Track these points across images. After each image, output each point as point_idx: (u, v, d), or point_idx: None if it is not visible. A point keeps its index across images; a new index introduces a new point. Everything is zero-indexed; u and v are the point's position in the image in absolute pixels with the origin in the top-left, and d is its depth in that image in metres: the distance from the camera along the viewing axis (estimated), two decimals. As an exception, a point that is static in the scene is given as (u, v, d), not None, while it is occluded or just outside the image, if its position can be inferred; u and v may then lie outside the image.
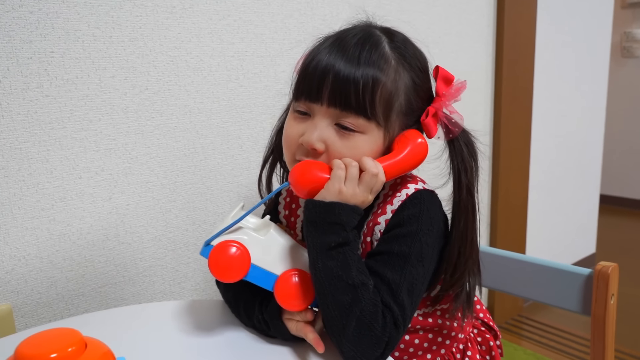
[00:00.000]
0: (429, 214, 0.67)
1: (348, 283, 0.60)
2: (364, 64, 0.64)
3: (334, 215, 0.61)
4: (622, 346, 1.77)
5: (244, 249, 0.64)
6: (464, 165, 0.69)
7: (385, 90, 0.65)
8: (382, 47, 0.67)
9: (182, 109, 1.05)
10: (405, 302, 0.63)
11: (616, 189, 3.52)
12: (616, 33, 3.23)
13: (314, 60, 0.67)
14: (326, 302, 0.62)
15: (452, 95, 0.69)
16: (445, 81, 0.69)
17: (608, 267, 0.79)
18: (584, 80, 2.20)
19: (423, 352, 0.74)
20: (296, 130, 0.68)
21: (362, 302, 0.60)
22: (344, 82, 0.64)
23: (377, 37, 0.68)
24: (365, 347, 0.60)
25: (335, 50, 0.66)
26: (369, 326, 0.60)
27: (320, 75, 0.65)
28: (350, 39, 0.67)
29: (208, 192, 1.12)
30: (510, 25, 1.71)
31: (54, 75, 0.89)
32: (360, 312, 0.60)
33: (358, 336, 0.60)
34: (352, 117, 0.65)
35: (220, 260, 0.63)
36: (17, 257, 0.90)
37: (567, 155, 2.19)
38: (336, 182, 0.62)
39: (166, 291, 1.10)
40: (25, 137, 0.88)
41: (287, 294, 0.64)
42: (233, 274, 0.64)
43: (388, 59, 0.66)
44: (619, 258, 2.52)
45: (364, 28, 0.70)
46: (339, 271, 0.61)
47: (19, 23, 0.85)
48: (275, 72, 1.17)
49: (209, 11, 1.05)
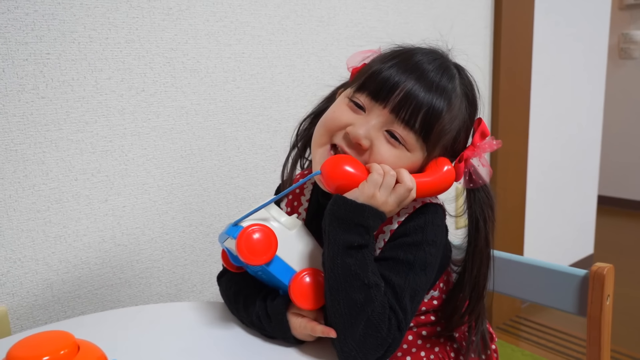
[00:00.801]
0: (434, 226, 0.69)
1: (364, 282, 0.61)
2: (439, 92, 0.66)
3: (363, 218, 0.62)
4: (620, 347, 1.77)
5: (273, 235, 0.65)
6: (483, 216, 0.72)
7: (445, 121, 0.67)
8: (455, 81, 0.69)
9: (179, 111, 1.05)
10: (407, 307, 0.64)
11: (614, 190, 3.52)
12: (614, 34, 3.24)
13: (392, 67, 0.67)
14: (338, 299, 0.62)
15: (483, 149, 0.70)
16: (482, 134, 0.71)
17: (604, 268, 0.79)
18: (581, 82, 2.20)
19: (417, 349, 0.74)
20: (346, 117, 0.68)
21: (375, 302, 0.61)
22: (415, 98, 0.65)
23: (452, 70, 0.70)
24: (369, 348, 0.61)
25: (416, 67, 0.67)
26: (376, 327, 0.61)
27: (394, 83, 0.65)
28: (430, 62, 0.68)
29: (205, 194, 1.12)
30: (508, 27, 1.71)
31: (50, 77, 0.89)
32: (371, 313, 0.61)
33: (364, 336, 0.61)
34: (407, 131, 0.66)
35: (250, 240, 0.64)
36: (12, 259, 0.90)
37: (565, 157, 2.19)
38: (372, 186, 0.63)
39: (163, 293, 1.10)
40: (21, 138, 0.88)
41: (302, 292, 0.66)
42: (259, 256, 0.64)
43: (457, 95, 0.69)
44: (617, 259, 2.52)
45: (441, 57, 0.71)
46: (356, 269, 0.62)
47: (15, 25, 0.85)
48: (272, 74, 1.17)
49: (205, 13, 1.05)
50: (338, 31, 1.27)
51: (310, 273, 0.67)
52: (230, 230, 0.67)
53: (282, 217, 0.69)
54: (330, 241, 0.64)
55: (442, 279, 0.76)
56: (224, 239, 0.69)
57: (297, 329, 0.66)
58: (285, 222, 0.68)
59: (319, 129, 0.70)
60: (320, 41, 1.24)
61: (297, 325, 0.66)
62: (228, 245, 0.68)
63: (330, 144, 0.69)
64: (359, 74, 0.71)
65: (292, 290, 0.66)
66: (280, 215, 0.69)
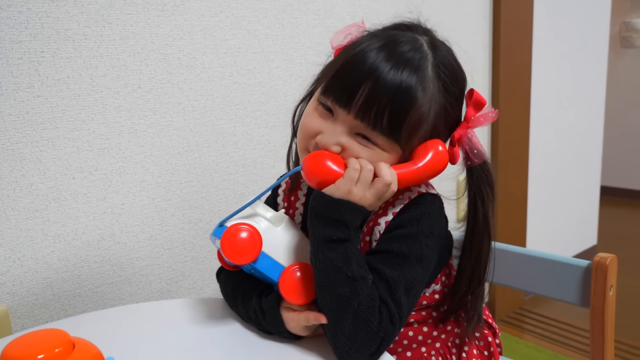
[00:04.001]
0: (430, 217, 0.67)
1: (347, 275, 0.61)
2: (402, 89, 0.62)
3: (339, 213, 0.62)
4: (624, 337, 1.77)
5: (257, 233, 0.65)
6: (481, 195, 0.70)
7: (415, 116, 0.63)
8: (424, 69, 0.64)
9: (176, 107, 1.04)
10: (402, 301, 0.63)
11: (617, 180, 3.51)
12: (615, 23, 3.21)
13: (353, 69, 0.64)
14: (324, 294, 0.62)
15: (479, 122, 0.67)
16: (476, 106, 0.68)
17: (606, 259, 0.78)
18: (582, 71, 2.19)
19: (417, 345, 0.74)
20: (315, 125, 0.66)
21: (360, 295, 0.60)
22: (376, 102, 0.62)
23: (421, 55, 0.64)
24: (360, 342, 0.60)
25: (375, 67, 0.62)
26: (365, 320, 0.60)
27: (354, 88, 0.63)
28: (391, 56, 0.63)
29: (203, 190, 1.11)
30: (507, 17, 1.69)
31: (45, 75, 0.89)
32: (358, 306, 0.60)
33: (354, 330, 0.60)
34: (375, 133, 0.64)
35: (233, 241, 0.64)
36: (12, 258, 0.90)
37: (567, 147, 2.18)
38: (348, 182, 0.62)
39: (163, 290, 1.09)
40: (17, 138, 0.87)
41: (291, 287, 0.65)
42: (244, 256, 0.64)
43: (428, 81, 0.64)
44: (620, 249, 2.51)
45: (408, 42, 0.65)
46: (339, 263, 0.61)
47: (8, 23, 0.84)
48: (269, 68, 1.16)
49: (200, 8, 1.05)
50: (335, 24, 1.26)
51: (299, 268, 0.67)
52: (217, 232, 0.67)
53: (269, 213, 0.68)
54: (312, 236, 0.64)
55: (444, 272, 0.75)
56: (213, 240, 0.69)
57: (290, 324, 0.66)
58: (272, 218, 0.68)
59: (298, 134, 0.70)
60: (317, 34, 1.23)
61: (290, 319, 0.66)
62: (218, 246, 0.68)
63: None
64: (327, 70, 0.70)
65: (281, 286, 0.66)
66: (267, 211, 0.69)
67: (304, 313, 0.65)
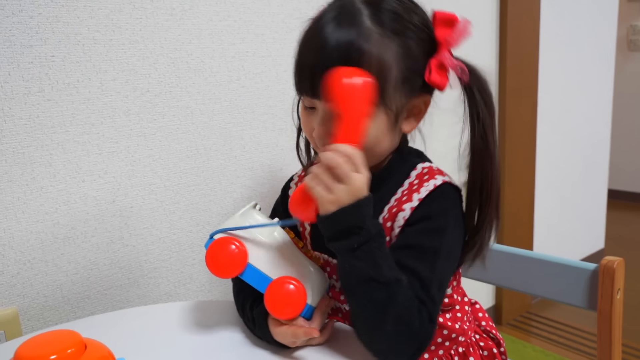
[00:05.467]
0: (455, 211, 0.67)
1: (381, 282, 0.58)
2: (344, 49, 0.60)
3: (345, 223, 0.59)
4: (631, 341, 1.76)
5: (241, 249, 0.64)
6: (476, 113, 0.67)
7: (370, 71, 0.61)
8: (360, 22, 0.62)
9: (184, 111, 1.05)
10: (436, 298, 0.61)
11: (624, 183, 3.49)
12: (622, 26, 3.20)
13: (299, 55, 0.66)
14: (358, 302, 0.60)
15: (456, 38, 0.64)
16: (447, 24, 0.65)
17: (614, 262, 0.78)
18: (589, 74, 2.18)
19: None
20: (308, 124, 0.69)
21: (399, 298, 0.58)
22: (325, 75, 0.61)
23: (354, 12, 0.62)
24: (403, 344, 0.59)
25: (314, 40, 0.63)
26: (406, 322, 0.58)
27: (305, 71, 0.64)
28: (326, 24, 0.62)
29: (211, 194, 1.12)
30: (514, 20, 1.69)
31: (55, 79, 0.90)
32: (398, 309, 0.58)
33: (396, 333, 0.58)
34: None
35: (216, 255, 0.64)
36: (22, 261, 0.91)
37: (574, 150, 2.17)
38: (323, 198, 0.58)
39: (171, 292, 1.10)
40: (27, 141, 0.88)
41: (277, 301, 0.63)
42: (226, 270, 0.64)
43: (368, 37, 0.61)
44: (628, 253, 2.50)
45: (339, 5, 0.64)
46: (369, 271, 0.59)
47: (19, 28, 0.85)
48: (277, 72, 1.17)
49: (209, 12, 1.05)
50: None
51: (286, 281, 0.64)
52: (207, 243, 0.66)
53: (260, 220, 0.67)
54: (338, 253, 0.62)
55: (455, 277, 0.75)
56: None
57: (278, 336, 0.65)
58: (261, 230, 0.66)
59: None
60: (325, 38, 1.24)
61: (277, 333, 0.65)
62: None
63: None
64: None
65: (266, 300, 0.64)
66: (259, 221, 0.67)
67: (292, 328, 0.63)
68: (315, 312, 0.66)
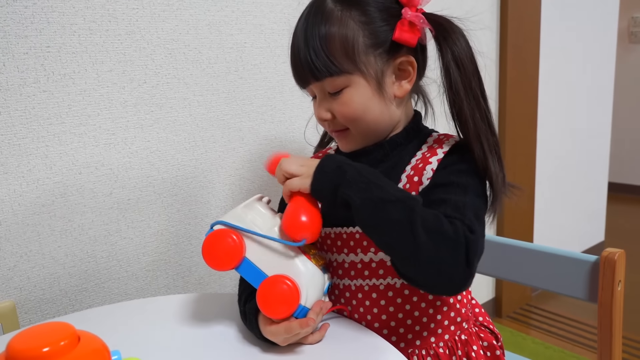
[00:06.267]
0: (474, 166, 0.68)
1: (391, 200, 0.59)
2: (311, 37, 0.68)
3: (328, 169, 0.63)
4: (632, 334, 1.76)
5: (239, 242, 0.64)
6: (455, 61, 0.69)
7: (335, 44, 0.67)
8: (323, 10, 0.68)
9: (182, 102, 1.04)
10: (472, 218, 0.60)
11: (625, 176, 3.48)
12: (623, 18, 3.19)
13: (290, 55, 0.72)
14: (383, 231, 0.59)
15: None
16: None
17: (614, 254, 0.77)
18: (590, 67, 2.17)
19: (428, 334, 0.73)
20: (315, 111, 0.75)
21: (417, 209, 0.58)
22: (303, 62, 0.68)
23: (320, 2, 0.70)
24: (447, 254, 0.57)
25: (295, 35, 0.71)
26: (438, 229, 0.57)
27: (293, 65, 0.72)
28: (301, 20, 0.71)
29: (210, 186, 1.11)
30: (515, 12, 1.68)
31: (51, 70, 0.89)
32: (422, 220, 0.57)
33: (433, 243, 0.56)
34: (327, 81, 0.68)
35: (213, 247, 0.64)
36: (19, 253, 0.90)
37: (575, 143, 2.16)
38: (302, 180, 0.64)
39: (170, 285, 1.09)
40: (23, 133, 0.88)
41: (269, 299, 0.62)
42: (222, 262, 0.64)
43: (330, 17, 0.67)
44: (629, 245, 2.49)
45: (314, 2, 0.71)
46: (376, 194, 0.59)
47: (14, 18, 0.84)
48: (275, 64, 1.16)
49: (206, 2, 1.04)
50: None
51: (281, 280, 0.62)
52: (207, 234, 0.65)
53: (259, 219, 0.66)
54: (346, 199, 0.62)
55: None
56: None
57: (269, 334, 0.64)
58: (262, 224, 0.65)
59: None
60: (323, 29, 1.23)
61: (268, 331, 0.64)
62: None
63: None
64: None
65: (258, 297, 0.62)
66: (258, 215, 0.66)
67: (284, 323, 0.62)
68: (309, 314, 0.64)
